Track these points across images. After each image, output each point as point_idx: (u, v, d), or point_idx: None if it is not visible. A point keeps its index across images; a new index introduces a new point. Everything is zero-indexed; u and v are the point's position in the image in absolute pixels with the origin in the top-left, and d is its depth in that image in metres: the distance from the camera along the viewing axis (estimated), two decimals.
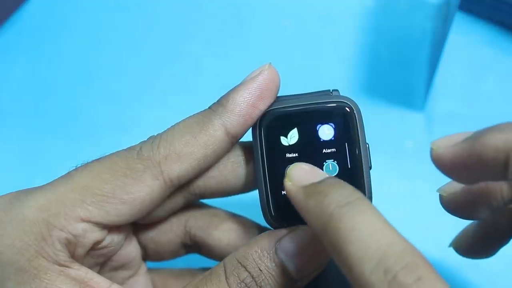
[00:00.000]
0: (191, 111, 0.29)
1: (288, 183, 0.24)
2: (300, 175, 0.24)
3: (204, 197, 0.30)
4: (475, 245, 0.32)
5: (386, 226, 0.20)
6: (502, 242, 0.30)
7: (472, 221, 0.32)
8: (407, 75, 0.47)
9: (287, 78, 0.30)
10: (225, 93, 0.28)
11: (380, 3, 0.49)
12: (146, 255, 0.32)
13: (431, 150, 0.25)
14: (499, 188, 0.27)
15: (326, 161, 0.27)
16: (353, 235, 0.20)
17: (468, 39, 0.48)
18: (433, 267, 0.19)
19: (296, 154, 0.28)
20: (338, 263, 0.21)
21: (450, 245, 0.33)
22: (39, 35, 0.49)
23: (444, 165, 0.24)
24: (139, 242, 0.31)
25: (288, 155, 0.28)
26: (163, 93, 0.47)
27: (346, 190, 0.22)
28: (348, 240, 0.20)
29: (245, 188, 0.30)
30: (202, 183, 0.29)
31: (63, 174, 0.27)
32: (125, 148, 0.28)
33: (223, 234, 0.30)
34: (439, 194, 0.29)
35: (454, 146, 0.24)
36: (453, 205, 0.29)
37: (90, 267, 0.27)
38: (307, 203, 0.23)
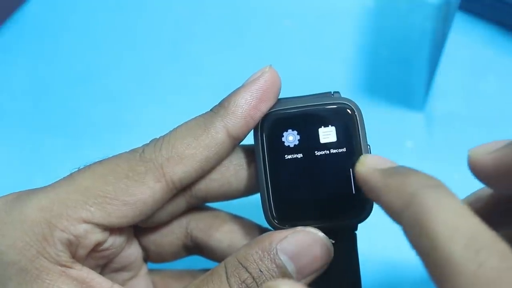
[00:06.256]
0: (191, 110, 0.29)
1: (361, 167, 0.25)
2: (374, 161, 0.25)
3: (206, 201, 0.30)
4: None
5: (471, 212, 0.20)
6: None
7: None
8: (407, 75, 0.47)
9: (286, 77, 0.30)
10: (226, 94, 0.28)
11: (380, 3, 0.49)
12: (148, 257, 0.32)
13: (469, 157, 0.24)
14: None
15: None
16: (441, 213, 0.19)
17: (468, 39, 0.48)
18: None
19: (298, 156, 0.28)
20: (416, 242, 0.20)
21: None
22: (39, 35, 0.49)
23: (483, 172, 0.24)
24: (140, 244, 0.31)
25: (289, 156, 0.28)
26: (163, 92, 0.47)
27: (427, 176, 0.22)
28: (436, 217, 0.19)
29: (248, 191, 0.30)
30: (204, 186, 0.29)
31: (63, 174, 0.27)
32: (126, 149, 0.28)
33: (224, 235, 0.30)
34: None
35: (495, 152, 0.23)
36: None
37: (91, 268, 0.27)
38: (387, 182, 0.23)
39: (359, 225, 0.28)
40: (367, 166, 0.24)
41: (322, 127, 0.28)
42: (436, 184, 0.21)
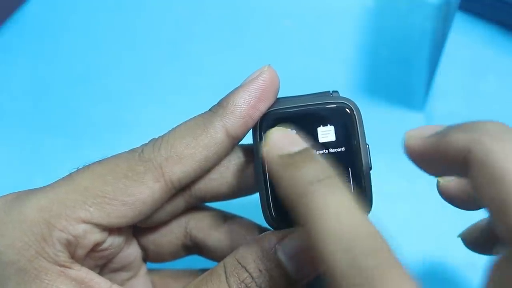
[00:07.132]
0: (191, 110, 0.29)
1: (265, 148, 0.24)
2: (278, 142, 0.24)
3: (205, 200, 0.30)
4: (483, 241, 0.31)
5: (353, 208, 0.21)
6: None
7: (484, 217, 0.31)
8: (407, 75, 0.47)
9: (286, 77, 0.30)
10: (225, 94, 0.28)
11: (380, 3, 0.49)
12: (147, 256, 0.32)
13: (404, 139, 0.25)
14: None
15: None
16: (319, 214, 0.20)
17: (468, 39, 0.48)
18: (395, 253, 0.20)
19: None
20: (308, 241, 0.21)
21: (459, 235, 0.32)
22: (39, 35, 0.49)
23: (413, 156, 0.24)
24: (140, 244, 0.31)
25: None
26: (163, 92, 0.47)
27: (319, 166, 0.22)
28: (315, 218, 0.20)
29: (247, 191, 0.30)
30: (204, 185, 0.29)
31: (63, 174, 0.27)
32: (126, 149, 0.28)
33: (223, 235, 0.30)
34: (436, 180, 0.29)
35: (424, 139, 0.23)
36: (448, 192, 0.29)
37: (90, 268, 0.27)
38: (283, 174, 0.23)
39: None
40: (270, 146, 0.24)
41: (321, 126, 0.28)
42: (322, 179, 0.21)
